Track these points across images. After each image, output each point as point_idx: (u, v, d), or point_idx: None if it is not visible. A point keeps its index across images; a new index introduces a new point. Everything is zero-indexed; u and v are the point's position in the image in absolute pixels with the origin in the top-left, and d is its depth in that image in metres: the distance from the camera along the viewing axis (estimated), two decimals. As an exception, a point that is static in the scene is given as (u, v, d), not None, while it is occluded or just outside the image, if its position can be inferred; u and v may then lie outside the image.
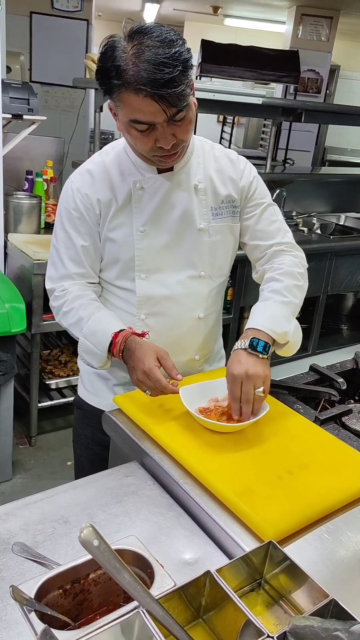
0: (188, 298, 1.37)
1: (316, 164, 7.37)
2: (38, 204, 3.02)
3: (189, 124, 1.17)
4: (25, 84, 2.92)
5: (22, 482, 2.66)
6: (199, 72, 4.82)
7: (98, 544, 0.67)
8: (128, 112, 1.12)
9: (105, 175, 1.32)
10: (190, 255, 1.35)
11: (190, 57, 1.10)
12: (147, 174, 1.30)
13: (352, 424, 1.33)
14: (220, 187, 1.36)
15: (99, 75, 1.12)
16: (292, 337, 1.28)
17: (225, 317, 3.15)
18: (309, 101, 5.36)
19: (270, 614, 0.82)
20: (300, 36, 6.44)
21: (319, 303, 3.57)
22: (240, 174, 1.39)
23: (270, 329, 1.24)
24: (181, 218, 1.33)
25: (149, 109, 1.09)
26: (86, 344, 1.30)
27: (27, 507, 1.01)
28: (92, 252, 1.35)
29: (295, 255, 1.42)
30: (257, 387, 1.17)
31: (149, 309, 1.36)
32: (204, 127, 6.20)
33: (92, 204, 1.31)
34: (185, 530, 0.97)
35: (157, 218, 1.32)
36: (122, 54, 1.07)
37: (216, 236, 1.37)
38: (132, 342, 1.24)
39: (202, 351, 1.46)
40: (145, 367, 1.18)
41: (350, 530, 0.97)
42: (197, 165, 1.35)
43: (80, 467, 1.59)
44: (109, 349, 1.26)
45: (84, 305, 1.32)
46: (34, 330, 2.69)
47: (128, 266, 1.34)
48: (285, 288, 1.33)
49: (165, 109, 1.09)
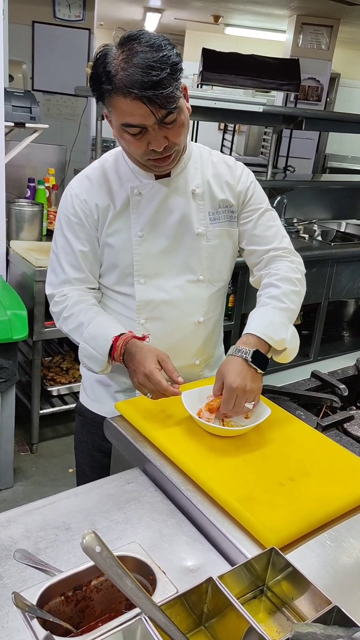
0: (187, 303, 1.38)
1: (317, 171, 7.40)
2: (40, 211, 3.03)
3: (181, 126, 1.18)
4: (27, 92, 2.94)
5: (23, 489, 2.65)
6: (200, 80, 4.85)
7: (100, 551, 0.67)
8: (119, 117, 1.15)
9: (104, 180, 1.33)
10: (188, 259, 1.36)
11: (180, 61, 1.12)
12: (145, 180, 1.31)
13: (354, 430, 1.33)
14: (217, 191, 1.37)
15: (92, 81, 1.15)
16: (289, 344, 1.28)
17: (226, 324, 3.15)
18: (310, 109, 5.39)
19: (272, 621, 0.82)
20: (301, 45, 6.49)
21: (320, 310, 3.58)
22: (238, 179, 1.40)
23: (268, 336, 1.25)
24: (179, 223, 1.33)
25: (139, 112, 1.11)
26: (87, 348, 1.30)
27: (28, 513, 1.01)
28: (91, 257, 1.36)
29: (292, 261, 1.42)
30: (249, 401, 1.20)
31: (148, 313, 1.36)
32: (205, 135, 6.24)
33: (91, 209, 1.32)
34: (187, 536, 0.97)
35: (155, 223, 1.33)
36: (112, 60, 1.11)
37: (214, 240, 1.37)
38: (132, 345, 1.24)
39: (202, 356, 1.46)
40: (146, 370, 1.18)
41: (353, 537, 0.97)
42: (194, 170, 1.36)
43: (82, 473, 1.59)
44: (109, 353, 1.26)
45: (84, 310, 1.33)
46: (36, 337, 2.70)
47: (127, 271, 1.35)
48: (283, 294, 1.34)
49: (154, 111, 1.10)
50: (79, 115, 5.12)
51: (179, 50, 1.14)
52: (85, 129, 5.22)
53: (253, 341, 1.24)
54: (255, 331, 1.25)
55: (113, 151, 1.38)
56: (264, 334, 1.25)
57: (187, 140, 1.32)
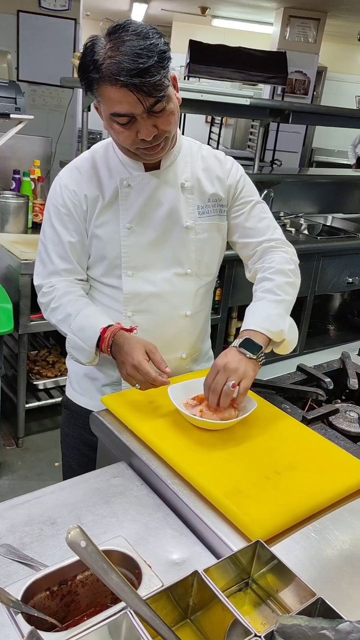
0: (175, 295, 1.38)
1: (303, 165, 7.42)
2: (25, 203, 3.00)
3: (171, 115, 1.18)
4: (12, 82, 2.91)
5: (9, 483, 2.64)
6: (187, 73, 4.82)
7: (85, 545, 0.67)
8: (108, 106, 1.14)
9: (93, 172, 1.33)
10: (176, 252, 1.36)
11: (168, 49, 1.12)
12: (134, 172, 1.31)
13: (339, 423, 1.34)
14: (207, 185, 1.37)
15: (80, 71, 1.15)
16: (287, 335, 1.29)
17: (213, 318, 3.14)
18: (297, 102, 5.39)
19: (257, 614, 0.82)
20: (288, 38, 6.48)
21: (307, 303, 3.59)
22: (227, 172, 1.40)
23: (266, 329, 1.25)
24: (168, 216, 1.33)
25: (126, 100, 1.10)
26: (74, 340, 1.30)
27: (14, 508, 1.00)
28: (79, 248, 1.35)
29: (286, 251, 1.43)
30: (232, 379, 1.18)
31: (135, 306, 1.36)
32: (192, 128, 6.21)
33: (80, 200, 1.31)
34: (173, 530, 0.97)
35: (143, 215, 1.32)
36: (100, 49, 1.11)
37: (203, 234, 1.37)
38: (120, 337, 1.24)
39: (189, 350, 1.46)
40: (134, 361, 1.18)
41: (337, 529, 0.98)
42: (184, 164, 1.35)
43: (68, 467, 1.58)
44: (97, 345, 1.26)
45: (72, 302, 1.32)
46: (22, 330, 2.68)
47: (114, 263, 1.34)
48: (277, 286, 1.34)
49: (142, 99, 1.10)
50: (64, 106, 5.07)
51: (167, 40, 1.14)
52: (71, 120, 5.18)
53: (247, 334, 1.25)
54: (252, 326, 1.26)
55: (103, 142, 1.38)
56: (262, 327, 1.25)
57: (178, 133, 1.31)
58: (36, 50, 5.33)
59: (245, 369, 1.20)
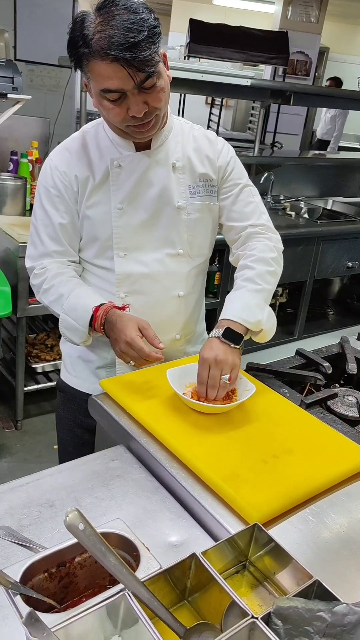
0: (167, 276, 1.37)
1: (304, 147, 7.34)
2: (23, 185, 2.97)
3: (161, 92, 1.17)
4: (9, 61, 2.85)
5: (7, 465, 2.66)
6: (187, 52, 4.75)
7: (83, 528, 0.67)
8: (98, 82, 1.13)
9: (83, 152, 1.32)
10: (168, 233, 1.35)
11: (158, 25, 1.11)
12: (125, 152, 1.29)
13: (337, 407, 1.34)
14: (197, 165, 1.36)
15: (69, 46, 1.14)
16: (265, 325, 1.29)
17: (212, 302, 3.14)
18: (298, 83, 5.31)
19: (254, 595, 0.83)
20: (290, 17, 6.37)
21: (306, 288, 3.58)
22: (218, 153, 1.39)
23: (243, 319, 1.25)
24: (159, 196, 1.32)
25: (117, 75, 1.09)
26: (67, 320, 1.29)
27: (12, 490, 1.01)
28: (70, 230, 1.34)
29: (270, 238, 1.42)
30: (225, 373, 1.19)
31: (128, 287, 1.35)
32: (192, 109, 6.13)
33: (70, 181, 1.30)
34: (171, 513, 0.97)
35: (134, 196, 1.31)
36: (90, 24, 1.09)
37: (194, 214, 1.36)
38: (112, 314, 1.24)
39: (183, 331, 1.46)
40: (128, 338, 1.18)
41: (335, 513, 0.98)
42: (175, 144, 1.34)
43: (64, 450, 1.59)
44: (90, 324, 1.26)
45: (63, 282, 1.32)
46: (20, 313, 2.67)
47: (106, 244, 1.34)
48: (257, 275, 1.34)
49: (133, 74, 1.09)
50: (62, 86, 5.00)
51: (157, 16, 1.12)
52: (69, 101, 5.10)
53: (226, 324, 1.25)
54: (230, 316, 1.26)
55: (94, 122, 1.36)
56: (239, 317, 1.25)
57: (169, 112, 1.30)
58: (34, 28, 5.23)
59: (233, 358, 1.21)
